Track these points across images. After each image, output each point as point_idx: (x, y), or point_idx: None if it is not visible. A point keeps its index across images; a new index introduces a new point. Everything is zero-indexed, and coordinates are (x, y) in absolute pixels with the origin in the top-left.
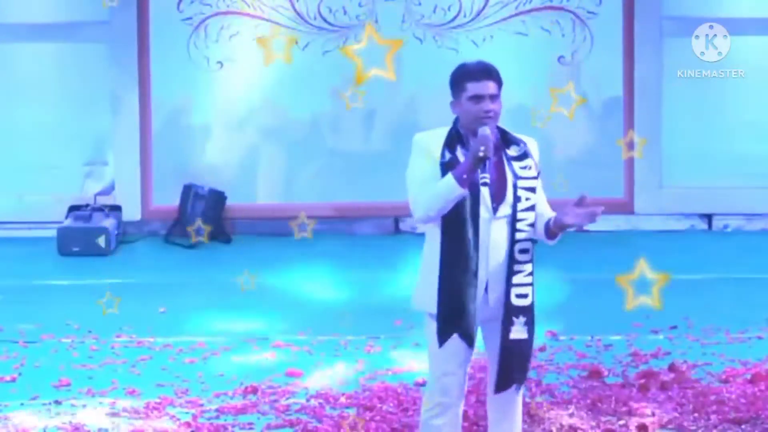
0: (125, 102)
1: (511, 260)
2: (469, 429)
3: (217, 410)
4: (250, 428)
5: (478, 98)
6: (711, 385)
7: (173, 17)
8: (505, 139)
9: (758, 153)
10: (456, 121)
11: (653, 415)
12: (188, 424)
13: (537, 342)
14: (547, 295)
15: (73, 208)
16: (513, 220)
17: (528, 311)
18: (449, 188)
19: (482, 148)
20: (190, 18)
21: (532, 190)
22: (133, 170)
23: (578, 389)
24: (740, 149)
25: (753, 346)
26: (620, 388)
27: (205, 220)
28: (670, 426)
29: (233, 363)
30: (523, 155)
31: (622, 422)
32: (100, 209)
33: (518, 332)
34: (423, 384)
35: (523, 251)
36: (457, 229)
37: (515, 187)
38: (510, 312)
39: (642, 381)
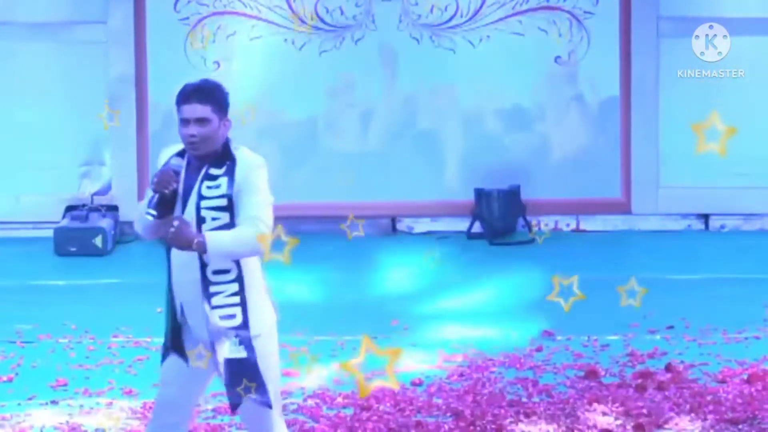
0: (122, 102)
1: (206, 282)
2: (466, 429)
3: (213, 410)
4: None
5: (185, 122)
6: (708, 385)
7: (170, 17)
8: (220, 158)
9: (755, 153)
10: None
11: (650, 415)
12: None
13: (534, 342)
14: (544, 295)
15: (70, 208)
16: None
17: (240, 330)
18: (143, 214)
19: (155, 181)
20: (186, 18)
21: (223, 209)
22: (130, 170)
23: (575, 389)
24: (737, 150)
25: (750, 346)
26: (617, 388)
27: None
28: (666, 426)
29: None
30: (219, 175)
31: (619, 422)
32: (97, 209)
33: (234, 352)
34: (419, 384)
35: (219, 272)
36: (163, 249)
37: (198, 207)
38: (217, 333)
39: (639, 381)
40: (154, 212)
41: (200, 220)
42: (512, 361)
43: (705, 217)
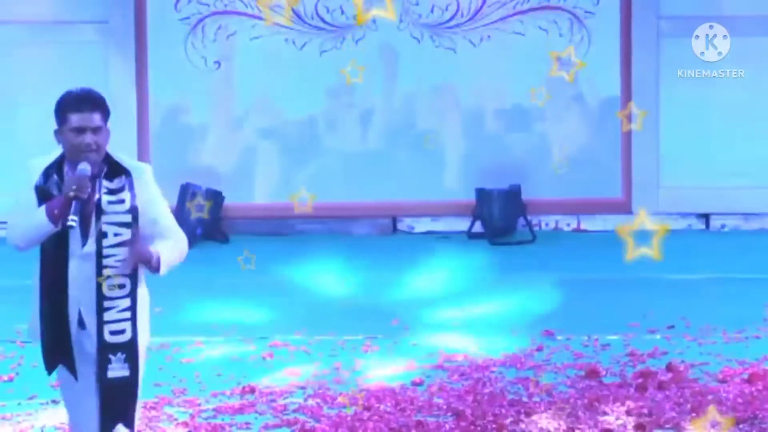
0: (123, 102)
1: (100, 296)
2: (467, 428)
3: (214, 410)
4: (248, 428)
5: (80, 130)
6: (708, 385)
7: (170, 17)
8: (112, 170)
9: (755, 153)
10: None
11: (651, 414)
12: (186, 424)
13: (534, 342)
14: (544, 295)
15: None
16: (98, 256)
17: (127, 348)
18: (40, 223)
19: (74, 187)
20: (187, 18)
21: (126, 225)
22: None
23: (576, 389)
24: (737, 149)
25: (750, 346)
26: (618, 387)
27: (201, 220)
28: (667, 426)
29: (231, 363)
30: (119, 189)
31: (620, 422)
32: None
33: (117, 370)
34: (420, 383)
35: (115, 287)
36: (51, 261)
37: (99, 222)
38: (105, 349)
39: (639, 381)
40: (76, 218)
41: (102, 235)
42: (513, 361)
43: (705, 217)
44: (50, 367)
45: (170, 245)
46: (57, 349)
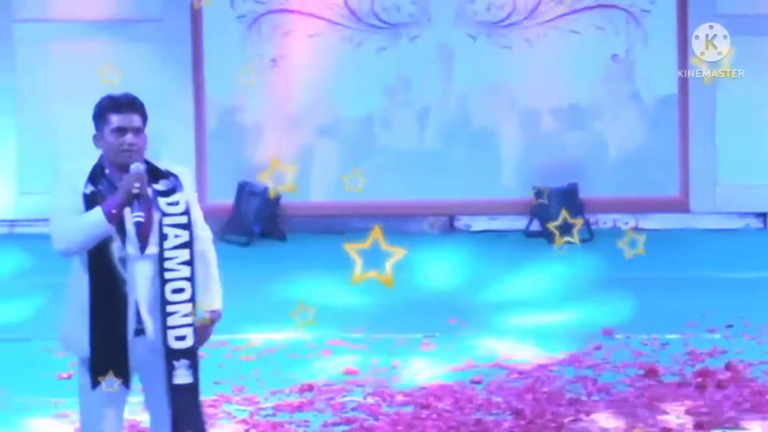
0: (179, 101)
1: (164, 301)
2: (525, 427)
3: (273, 408)
4: (307, 426)
5: (121, 131)
6: (767, 384)
7: (227, 15)
8: (154, 173)
9: None
10: (102, 155)
11: (710, 413)
12: (245, 422)
13: (593, 341)
14: (603, 294)
15: None
16: (161, 258)
17: (189, 354)
18: (95, 223)
19: (137, 185)
20: (243, 16)
21: (183, 226)
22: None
23: (635, 388)
24: None
25: None
26: (677, 386)
27: (259, 219)
28: (727, 425)
29: (289, 361)
30: (171, 190)
31: (680, 421)
32: None
33: (182, 377)
34: (479, 382)
35: (177, 291)
36: (104, 267)
37: (161, 224)
38: (170, 356)
39: (699, 380)
40: (142, 213)
41: (163, 237)
42: (571, 360)
43: (763, 216)
44: (100, 376)
45: (217, 280)
46: (111, 357)
